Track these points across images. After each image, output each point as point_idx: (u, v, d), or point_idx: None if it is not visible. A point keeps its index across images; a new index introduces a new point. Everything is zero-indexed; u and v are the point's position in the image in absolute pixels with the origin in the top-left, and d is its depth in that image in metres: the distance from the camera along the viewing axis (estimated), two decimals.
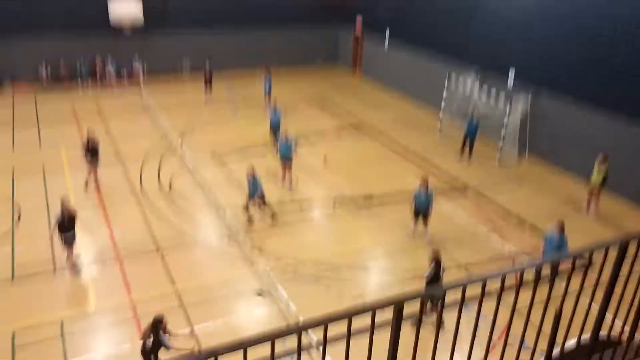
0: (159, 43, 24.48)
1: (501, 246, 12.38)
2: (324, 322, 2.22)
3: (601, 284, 3.57)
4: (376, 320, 2.44)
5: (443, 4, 20.69)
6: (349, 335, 2.33)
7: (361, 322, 2.52)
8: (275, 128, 17.06)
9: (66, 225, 10.78)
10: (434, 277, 9.30)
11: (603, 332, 3.73)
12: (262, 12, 25.70)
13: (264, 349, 2.27)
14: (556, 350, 3.56)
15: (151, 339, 7.82)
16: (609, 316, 3.68)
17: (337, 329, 2.46)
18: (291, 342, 2.40)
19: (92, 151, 14.09)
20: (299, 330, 2.17)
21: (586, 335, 3.67)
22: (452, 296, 2.82)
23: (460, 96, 18.94)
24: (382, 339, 2.78)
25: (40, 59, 22.65)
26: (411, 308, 2.69)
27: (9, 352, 8.85)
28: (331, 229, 13.14)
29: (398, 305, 2.46)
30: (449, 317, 3.12)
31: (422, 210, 12.19)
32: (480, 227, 13.15)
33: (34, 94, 22.26)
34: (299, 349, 2.26)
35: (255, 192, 12.76)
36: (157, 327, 7.87)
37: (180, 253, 11.78)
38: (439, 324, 3.06)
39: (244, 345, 2.11)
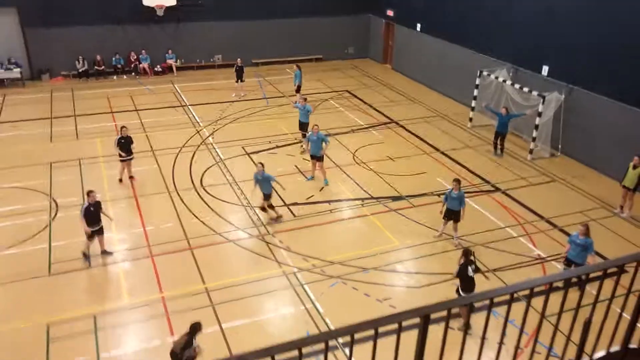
0: (191, 35, 25.00)
1: (530, 251, 12.18)
2: (350, 332, 2.27)
3: (633, 293, 3.52)
4: (403, 324, 2.47)
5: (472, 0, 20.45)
6: (375, 345, 2.37)
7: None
8: (304, 126, 17.01)
9: (93, 216, 11.09)
10: (461, 274, 9.42)
11: (634, 344, 3.67)
12: (293, 3, 25.96)
13: (291, 353, 2.32)
14: None
15: (191, 347, 7.83)
16: None
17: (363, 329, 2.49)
18: (318, 344, 2.45)
19: (125, 148, 14.38)
20: (326, 339, 2.22)
21: (616, 346, 3.62)
22: (479, 302, 2.83)
23: (492, 93, 18.76)
24: (409, 342, 2.79)
25: (77, 52, 23.35)
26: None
27: (44, 345, 9.17)
28: (359, 229, 13.15)
29: (425, 316, 2.49)
30: (476, 322, 3.12)
31: (453, 213, 12.06)
32: (509, 231, 12.97)
33: (71, 86, 22.96)
34: (326, 356, 2.30)
35: (268, 192, 12.76)
36: (194, 333, 7.93)
37: (210, 250, 11.98)
38: (466, 330, 3.07)
39: (271, 353, 2.16)
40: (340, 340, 6.62)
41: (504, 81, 18.05)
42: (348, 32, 27.83)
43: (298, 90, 20.79)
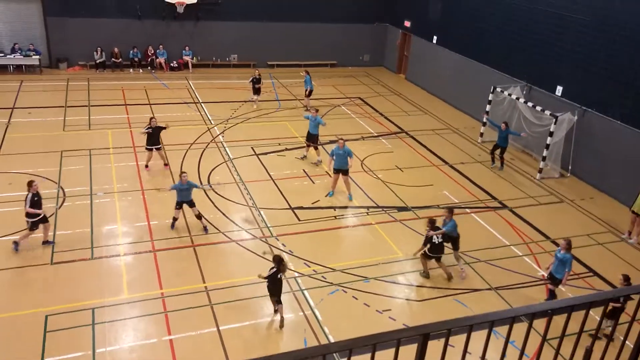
0: (209, 33, 25.18)
1: (535, 271, 12.07)
2: (347, 347, 2.24)
3: (637, 321, 3.47)
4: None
5: (491, 17, 20.39)
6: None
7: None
8: (312, 137, 16.44)
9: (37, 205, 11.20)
10: (428, 241, 11.14)
11: None
12: (311, 8, 26.09)
13: None
14: None
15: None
16: None
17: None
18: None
19: (152, 139, 14.84)
20: (323, 353, 2.20)
21: None
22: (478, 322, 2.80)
23: (504, 109, 18.72)
24: (407, 357, 2.76)
25: (95, 43, 23.58)
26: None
27: (40, 336, 9.15)
28: (362, 237, 13.11)
29: (424, 335, 2.47)
30: (476, 342, 3.08)
31: (452, 239, 11.63)
32: (514, 249, 12.88)
33: (87, 76, 23.15)
34: None
35: (185, 199, 12.35)
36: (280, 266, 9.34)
37: (212, 249, 11.99)
38: (465, 351, 3.04)
39: None
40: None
41: (517, 99, 17.98)
42: (364, 40, 27.88)
43: (309, 95, 20.70)
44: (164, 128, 15.14)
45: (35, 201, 11.22)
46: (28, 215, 11.21)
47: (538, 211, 14.85)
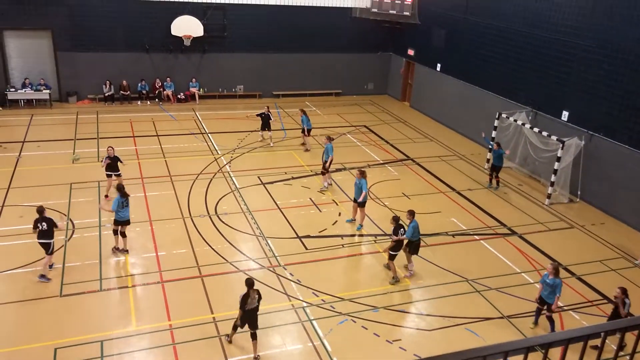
0: (215, 65, 25.56)
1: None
2: None
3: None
4: None
5: (494, 44, 20.62)
6: None
7: None
8: (323, 164, 16.65)
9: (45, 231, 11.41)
10: (395, 233, 11.92)
11: None
12: (315, 39, 26.49)
13: None
14: None
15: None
16: None
17: None
18: None
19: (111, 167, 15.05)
20: None
21: None
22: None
23: (510, 135, 18.76)
24: None
25: (104, 77, 23.97)
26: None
27: None
28: (371, 266, 13.01)
29: None
30: None
31: (411, 244, 12.22)
32: (525, 276, 12.71)
33: (96, 109, 23.48)
34: None
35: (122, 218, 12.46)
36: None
37: (220, 279, 11.94)
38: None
39: None
40: None
41: (523, 124, 18.03)
42: (368, 69, 28.20)
43: (308, 133, 19.85)
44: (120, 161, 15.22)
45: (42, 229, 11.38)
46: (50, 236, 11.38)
47: (548, 237, 14.71)
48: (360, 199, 14.09)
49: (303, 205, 15.56)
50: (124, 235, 12.62)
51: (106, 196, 15.19)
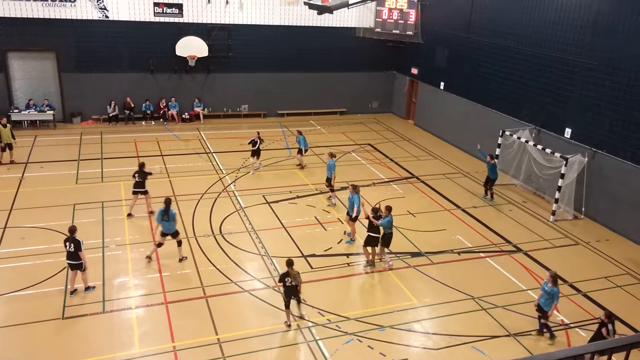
0: (219, 85, 25.76)
1: (554, 316, 11.74)
2: None
3: None
4: None
5: (497, 63, 20.74)
6: None
7: None
8: (327, 180, 16.81)
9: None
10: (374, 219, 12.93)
11: None
12: (319, 58, 26.74)
13: None
14: None
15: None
16: None
17: None
18: None
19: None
20: None
21: None
22: None
23: (514, 152, 18.77)
24: None
25: (109, 97, 24.14)
26: None
27: None
28: (376, 285, 12.91)
29: None
30: None
31: (384, 236, 13.05)
32: (531, 294, 12.58)
33: (100, 130, 23.63)
34: None
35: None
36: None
37: (225, 300, 11.85)
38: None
39: None
40: None
41: (527, 142, 18.04)
42: (372, 87, 28.38)
43: (301, 152, 19.60)
44: (149, 173, 15.67)
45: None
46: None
47: (553, 254, 14.61)
48: (354, 214, 14.13)
49: (308, 224, 15.52)
50: (179, 244, 13.17)
51: (151, 212, 15.45)
